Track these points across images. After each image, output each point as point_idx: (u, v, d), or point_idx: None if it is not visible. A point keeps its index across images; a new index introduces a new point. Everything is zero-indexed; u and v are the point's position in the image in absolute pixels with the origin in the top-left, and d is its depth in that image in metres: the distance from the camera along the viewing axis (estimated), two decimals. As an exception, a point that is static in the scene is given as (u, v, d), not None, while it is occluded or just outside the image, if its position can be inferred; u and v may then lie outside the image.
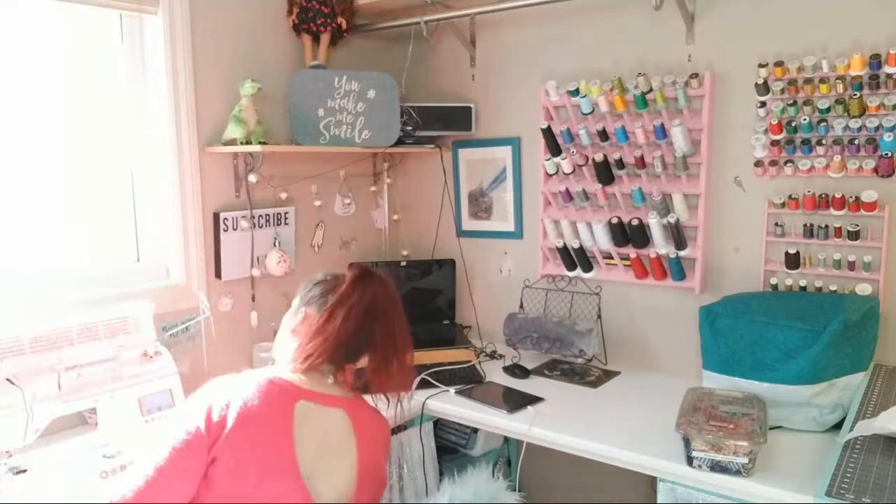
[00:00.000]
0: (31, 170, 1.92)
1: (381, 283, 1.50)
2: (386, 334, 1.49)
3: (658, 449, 1.70)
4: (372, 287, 1.48)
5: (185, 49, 2.12)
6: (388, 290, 1.51)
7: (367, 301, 1.46)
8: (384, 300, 1.49)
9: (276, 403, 1.37)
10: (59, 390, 1.67)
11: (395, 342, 1.50)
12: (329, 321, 1.44)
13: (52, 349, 1.75)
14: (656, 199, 2.21)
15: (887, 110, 1.87)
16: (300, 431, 1.36)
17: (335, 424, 1.44)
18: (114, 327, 1.89)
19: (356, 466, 1.44)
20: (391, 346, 1.50)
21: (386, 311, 1.49)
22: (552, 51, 2.49)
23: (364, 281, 1.49)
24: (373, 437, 1.50)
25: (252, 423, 1.31)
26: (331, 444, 1.41)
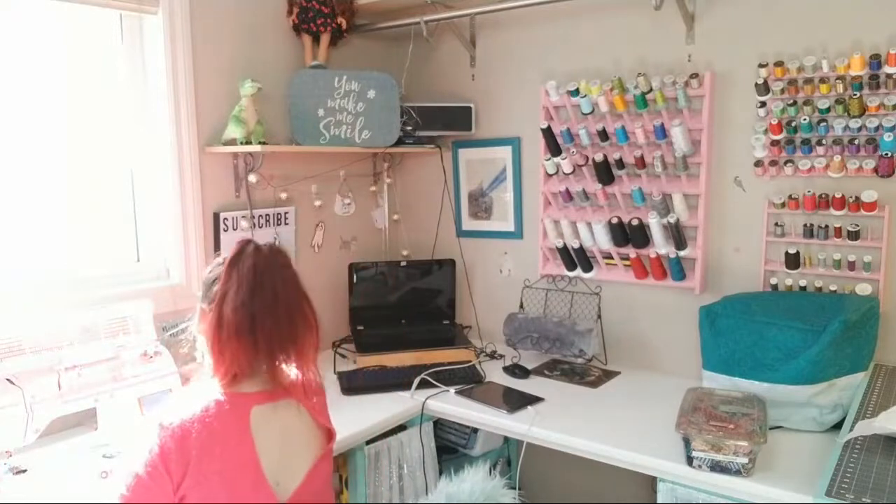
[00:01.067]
0: (31, 170, 1.92)
1: (258, 253, 1.36)
2: (266, 311, 1.33)
3: (658, 449, 1.70)
4: (248, 259, 1.34)
5: (185, 49, 2.12)
6: (267, 262, 1.36)
7: (245, 280, 1.32)
8: (261, 273, 1.34)
9: (231, 420, 1.30)
10: (59, 390, 1.67)
11: (276, 318, 1.34)
12: (218, 321, 1.32)
13: (52, 349, 1.75)
14: (656, 199, 2.21)
15: (887, 110, 1.87)
16: (261, 439, 1.32)
17: (292, 417, 1.39)
18: (114, 327, 1.89)
19: (322, 435, 1.44)
20: (272, 324, 1.33)
21: (262, 284, 1.33)
22: (552, 51, 2.49)
23: (238, 258, 1.35)
24: (322, 412, 1.48)
25: (213, 453, 1.25)
26: (293, 439, 1.38)
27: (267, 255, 1.38)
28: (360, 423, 1.95)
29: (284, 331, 1.36)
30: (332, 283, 2.71)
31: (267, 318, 1.33)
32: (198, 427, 1.26)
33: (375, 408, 2.06)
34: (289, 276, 1.40)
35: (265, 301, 1.33)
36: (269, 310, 1.33)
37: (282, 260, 1.40)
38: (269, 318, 1.33)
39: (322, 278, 2.68)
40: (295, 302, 1.40)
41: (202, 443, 1.25)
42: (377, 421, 1.98)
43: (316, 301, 2.90)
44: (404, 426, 2.11)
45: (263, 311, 1.33)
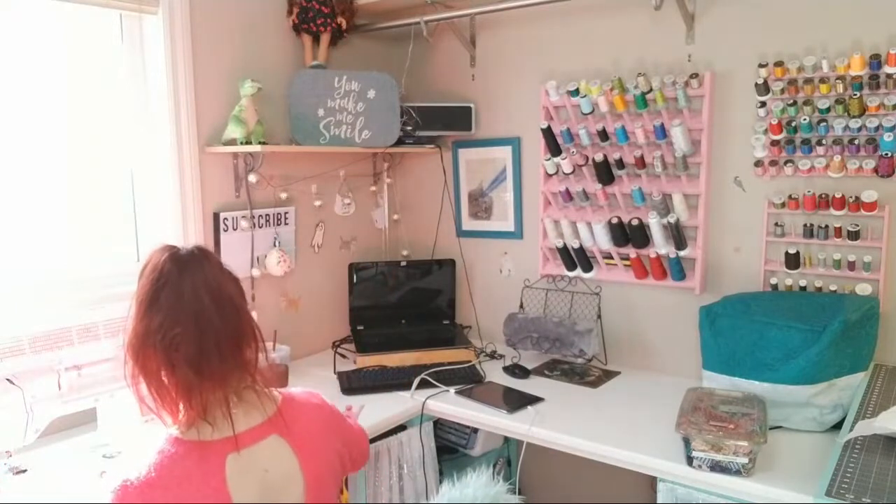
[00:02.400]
0: (31, 170, 1.91)
1: (165, 250, 1.19)
2: (193, 319, 1.13)
3: (658, 449, 1.70)
4: (149, 268, 1.17)
5: (185, 49, 2.12)
6: (176, 255, 1.17)
7: (146, 287, 1.15)
8: (170, 264, 1.15)
9: (203, 479, 1.10)
10: (59, 390, 1.67)
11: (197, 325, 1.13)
12: (129, 348, 1.13)
13: (52, 349, 1.75)
14: (656, 199, 2.21)
15: (887, 110, 1.87)
16: (238, 490, 1.13)
17: (272, 455, 1.19)
18: (114, 327, 1.89)
19: (303, 486, 1.22)
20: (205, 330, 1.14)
21: (171, 275, 1.14)
22: (552, 51, 2.49)
23: (144, 265, 1.19)
24: (313, 437, 1.27)
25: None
26: (274, 480, 1.18)
27: (178, 255, 1.18)
28: (360, 423, 1.95)
29: (221, 337, 1.16)
30: (332, 283, 2.71)
31: (180, 327, 1.13)
32: (161, 492, 1.08)
33: (375, 408, 2.06)
34: (212, 277, 1.18)
35: (170, 310, 1.13)
36: (181, 317, 1.13)
37: (200, 260, 1.19)
38: (179, 328, 1.13)
39: (322, 278, 2.68)
40: (225, 304, 1.18)
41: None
42: (377, 421, 1.98)
43: (316, 301, 2.91)
44: (404, 426, 2.11)
45: (169, 321, 1.13)
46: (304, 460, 1.22)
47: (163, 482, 1.08)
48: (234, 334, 1.19)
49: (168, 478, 1.09)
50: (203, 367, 1.13)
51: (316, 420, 1.30)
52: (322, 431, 1.30)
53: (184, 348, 1.12)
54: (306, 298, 2.62)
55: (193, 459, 1.12)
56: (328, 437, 1.31)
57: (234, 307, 1.20)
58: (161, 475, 1.09)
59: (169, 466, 1.10)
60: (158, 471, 1.09)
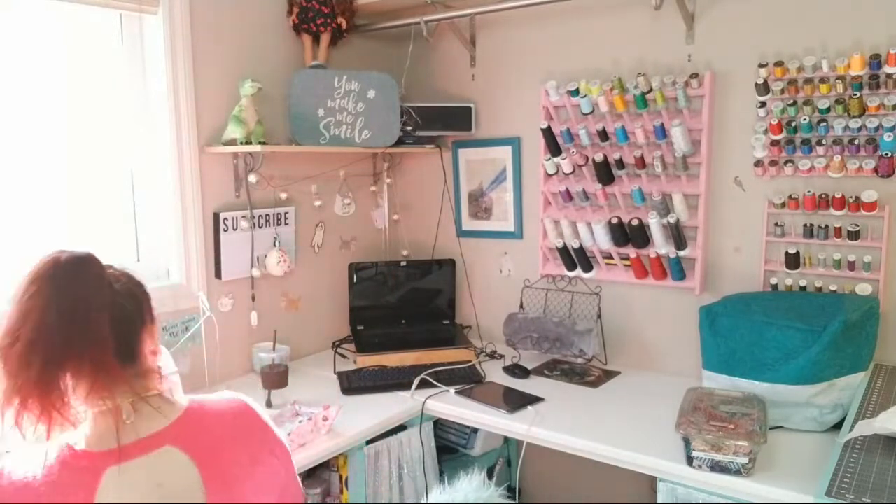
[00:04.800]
0: (31, 170, 1.91)
1: (41, 263, 1.08)
2: (47, 318, 1.03)
3: (658, 449, 1.70)
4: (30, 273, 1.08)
5: (185, 49, 2.12)
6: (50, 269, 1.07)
7: (20, 291, 1.06)
8: (42, 280, 1.06)
9: (69, 491, 1.00)
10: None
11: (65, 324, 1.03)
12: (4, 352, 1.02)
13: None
14: (656, 199, 2.21)
15: (887, 110, 1.87)
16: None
17: (166, 468, 1.06)
18: (114, 327, 1.89)
19: (204, 498, 1.07)
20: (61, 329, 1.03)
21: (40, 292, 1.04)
22: (552, 51, 2.49)
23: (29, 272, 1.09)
24: (221, 448, 1.12)
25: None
26: (170, 495, 1.05)
27: (55, 261, 1.08)
28: (360, 423, 1.95)
29: (85, 341, 1.04)
30: (332, 283, 2.71)
31: (44, 329, 1.02)
32: (32, 494, 0.99)
33: (375, 408, 2.06)
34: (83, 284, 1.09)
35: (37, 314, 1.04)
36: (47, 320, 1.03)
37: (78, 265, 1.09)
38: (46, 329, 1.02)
39: (322, 278, 2.68)
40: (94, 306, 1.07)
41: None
42: (377, 421, 1.98)
43: (316, 301, 2.91)
44: (404, 426, 2.11)
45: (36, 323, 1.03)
46: (207, 474, 1.08)
47: (32, 487, 1.01)
48: (99, 339, 1.06)
49: (38, 484, 1.01)
50: (63, 369, 1.04)
51: (228, 429, 1.14)
52: (238, 440, 1.14)
53: (43, 350, 1.02)
54: (306, 298, 2.62)
55: (70, 469, 1.03)
56: (246, 445, 1.15)
57: (99, 310, 1.08)
58: (42, 478, 1.01)
59: (46, 472, 1.02)
60: (43, 474, 1.02)
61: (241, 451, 1.13)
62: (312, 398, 2.08)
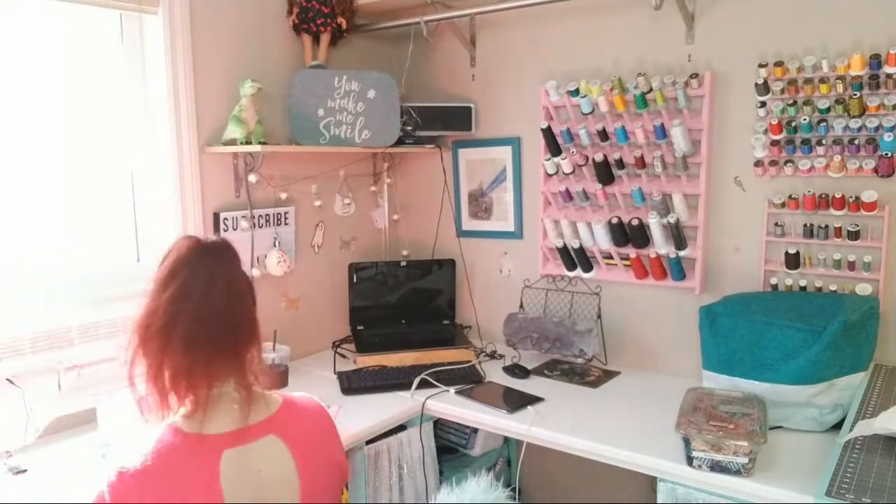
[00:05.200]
0: (31, 170, 1.91)
1: (187, 240, 1.19)
2: (205, 305, 1.12)
3: (658, 449, 1.70)
4: (172, 255, 1.17)
5: (185, 49, 2.12)
6: (196, 244, 1.17)
7: (166, 273, 1.14)
8: (186, 253, 1.15)
9: (196, 472, 1.07)
10: (59, 390, 1.67)
11: (212, 314, 1.13)
12: (143, 332, 1.12)
13: (52, 349, 1.75)
14: (656, 199, 2.21)
15: (887, 110, 1.87)
16: (231, 488, 1.10)
17: (268, 456, 1.16)
18: (114, 327, 1.89)
19: (298, 490, 1.20)
20: (216, 318, 1.13)
21: (195, 275, 1.13)
22: (552, 51, 2.49)
23: (167, 254, 1.19)
24: (310, 442, 1.24)
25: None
26: (268, 481, 1.16)
27: (199, 246, 1.17)
28: (360, 423, 1.95)
29: (222, 326, 1.15)
30: (332, 283, 2.71)
31: (195, 313, 1.12)
32: (155, 482, 1.05)
33: (375, 408, 2.06)
34: (226, 267, 1.20)
35: (192, 296, 1.13)
36: (200, 304, 1.13)
37: (220, 252, 1.20)
38: (201, 313, 1.13)
39: (322, 278, 2.68)
40: (234, 294, 1.19)
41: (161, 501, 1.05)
42: (377, 421, 1.98)
43: (316, 301, 2.91)
44: (404, 426, 2.11)
45: (191, 307, 1.13)
46: (301, 464, 1.20)
47: (157, 471, 1.06)
48: (235, 328, 1.17)
49: (163, 467, 1.07)
50: (196, 351, 1.11)
51: (316, 426, 1.28)
52: (322, 437, 1.28)
53: (182, 326, 1.11)
54: (306, 298, 2.62)
55: (188, 451, 1.09)
56: (328, 444, 1.29)
57: (243, 303, 1.20)
58: (156, 464, 1.07)
59: (164, 456, 1.08)
60: (154, 460, 1.07)
61: (322, 448, 1.26)
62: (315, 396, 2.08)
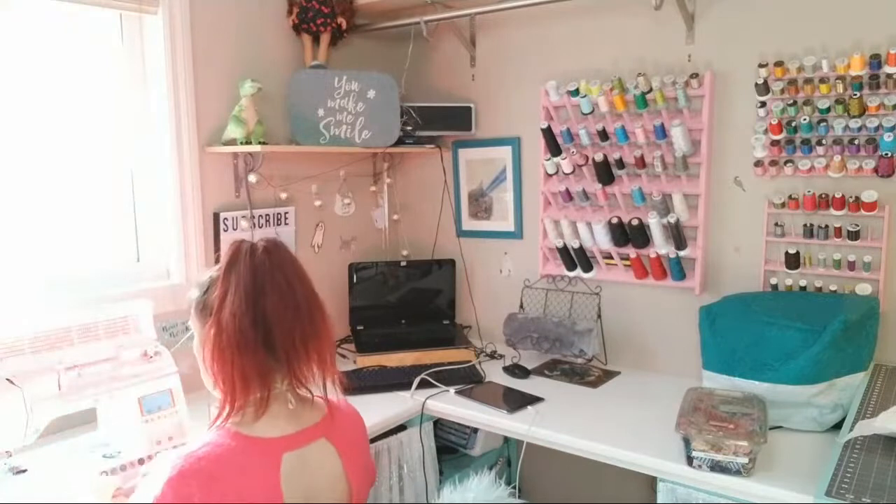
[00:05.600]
0: (31, 170, 1.91)
1: (254, 254, 1.20)
2: (281, 306, 1.16)
3: (658, 449, 1.70)
4: (247, 260, 1.19)
5: (185, 49, 2.12)
6: (269, 258, 1.20)
7: (246, 280, 1.16)
8: (265, 269, 1.18)
9: (259, 474, 1.11)
10: (59, 390, 1.67)
11: (296, 312, 1.18)
12: (219, 329, 1.15)
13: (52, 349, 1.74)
14: (656, 199, 2.21)
15: (887, 110, 1.87)
16: (290, 490, 1.14)
17: (320, 459, 1.21)
18: (114, 327, 1.89)
19: (347, 492, 1.25)
20: (292, 318, 1.18)
21: (271, 279, 1.18)
22: (552, 51, 2.49)
23: (235, 259, 1.20)
24: (353, 445, 1.30)
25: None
26: (319, 483, 1.20)
27: (269, 249, 1.21)
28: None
29: (306, 327, 1.19)
30: (332, 283, 2.71)
31: (280, 317, 1.16)
32: (219, 484, 1.08)
33: (375, 408, 2.06)
34: (298, 269, 1.24)
35: (274, 300, 1.16)
36: (281, 308, 1.17)
37: (286, 254, 1.24)
38: (283, 317, 1.16)
39: (322, 278, 2.66)
40: (311, 295, 1.23)
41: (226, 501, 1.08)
42: (377, 421, 1.98)
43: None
44: (404, 426, 2.11)
45: (274, 311, 1.16)
46: (348, 466, 1.25)
47: (221, 473, 1.09)
48: (314, 321, 1.21)
49: (225, 470, 1.09)
50: (283, 347, 1.15)
51: (357, 429, 1.34)
52: (362, 441, 1.34)
53: (271, 319, 1.15)
54: (306, 298, 2.61)
55: (251, 454, 1.12)
56: (365, 447, 1.36)
57: (317, 300, 1.24)
58: (219, 467, 1.09)
59: (227, 459, 1.10)
60: (216, 462, 1.09)
61: (362, 452, 1.30)
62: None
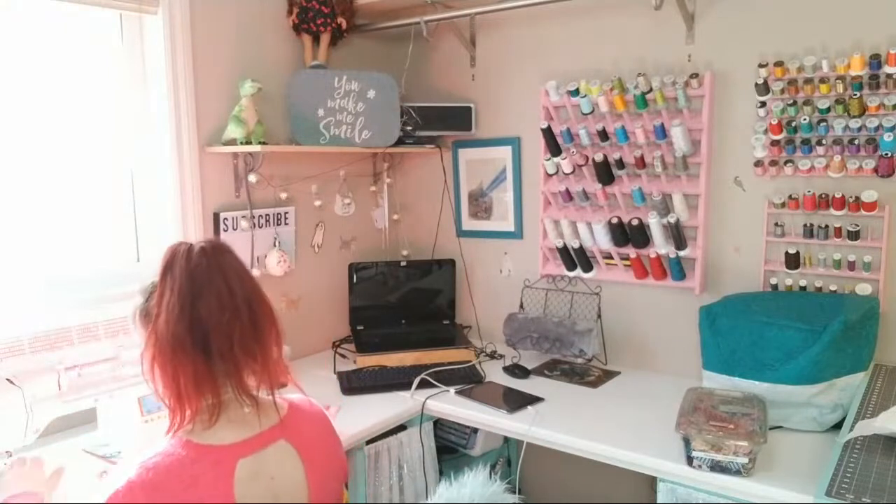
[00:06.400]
0: (31, 170, 1.91)
1: (190, 256, 1.15)
2: (218, 310, 1.12)
3: (658, 449, 1.70)
4: (182, 263, 1.14)
5: (185, 49, 2.12)
6: (207, 260, 1.15)
7: (181, 283, 1.12)
8: (201, 272, 1.14)
9: (211, 483, 1.07)
10: (59, 390, 1.67)
11: (234, 314, 1.14)
12: (156, 337, 1.11)
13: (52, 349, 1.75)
14: (656, 199, 2.21)
15: (887, 110, 1.87)
16: (244, 496, 1.11)
17: (280, 462, 1.17)
18: (114, 327, 1.89)
19: (307, 496, 1.21)
20: (230, 321, 1.13)
21: (209, 282, 1.13)
22: (552, 51, 2.49)
23: (171, 263, 1.16)
24: (315, 445, 1.26)
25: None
26: (280, 487, 1.17)
27: (207, 251, 1.16)
28: (360, 423, 1.95)
29: (246, 330, 1.15)
30: (332, 283, 2.71)
31: (217, 321, 1.11)
32: (168, 493, 1.04)
33: (375, 408, 2.06)
34: (239, 269, 1.19)
35: (210, 304, 1.12)
36: (217, 312, 1.12)
37: (226, 255, 1.19)
38: (220, 321, 1.12)
39: (322, 278, 2.68)
40: (253, 296, 1.18)
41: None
42: (377, 421, 1.98)
43: (316, 301, 2.91)
44: (404, 426, 2.11)
45: (209, 314, 1.11)
46: (309, 469, 1.21)
47: (170, 485, 1.05)
48: (256, 324, 1.17)
49: (173, 480, 1.06)
50: (220, 352, 1.11)
51: (319, 428, 1.29)
52: (326, 439, 1.29)
53: (198, 330, 1.10)
54: (306, 298, 2.62)
55: (202, 463, 1.09)
56: (331, 445, 1.31)
57: (260, 301, 1.20)
58: (167, 478, 1.06)
59: (177, 470, 1.07)
60: (165, 473, 1.06)
61: (326, 449, 1.26)
62: (312, 398, 2.08)
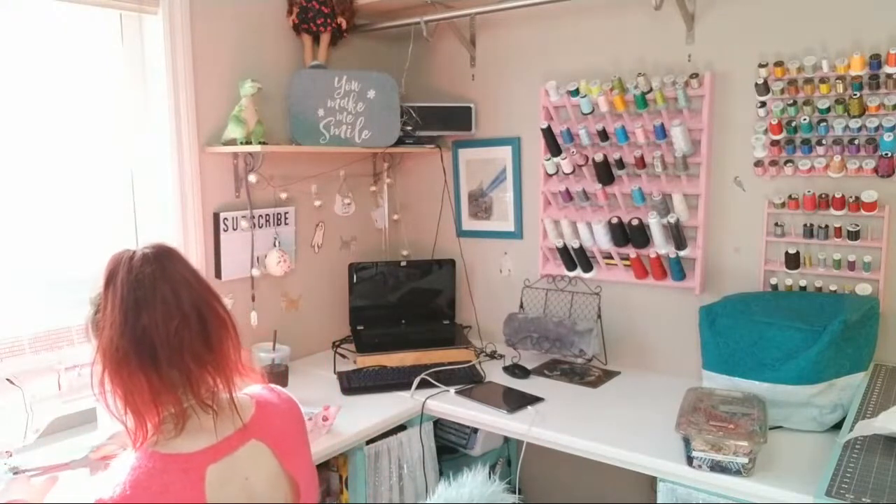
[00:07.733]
0: (31, 170, 1.91)
1: (132, 265, 1.09)
2: (164, 318, 1.07)
3: (658, 449, 1.70)
4: (124, 273, 1.08)
5: (185, 49, 2.12)
6: (150, 267, 1.09)
7: (123, 294, 1.07)
8: (144, 280, 1.08)
9: (181, 493, 1.04)
10: (59, 390, 1.67)
11: (183, 321, 1.09)
12: (102, 351, 1.07)
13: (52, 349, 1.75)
14: (656, 199, 2.21)
15: (887, 110, 1.87)
16: (219, 500, 1.08)
17: (253, 462, 1.14)
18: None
19: (289, 487, 1.19)
20: (178, 329, 1.08)
21: (153, 290, 1.08)
22: (552, 51, 2.49)
23: (113, 273, 1.10)
24: (287, 437, 1.22)
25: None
26: (256, 486, 1.14)
27: (150, 258, 1.10)
28: (360, 423, 1.95)
29: (195, 336, 1.10)
30: (332, 283, 2.71)
31: (163, 330, 1.07)
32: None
33: (375, 408, 2.06)
34: (187, 274, 1.14)
35: (155, 313, 1.07)
36: (164, 321, 1.07)
37: (172, 259, 1.14)
38: (167, 330, 1.07)
39: (322, 278, 2.68)
40: (203, 300, 1.14)
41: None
42: (377, 421, 1.99)
43: (316, 301, 2.90)
44: (404, 426, 2.11)
45: (154, 324, 1.06)
46: (286, 461, 1.19)
47: (137, 497, 1.02)
48: (206, 329, 1.12)
49: (143, 493, 1.02)
50: (170, 362, 1.07)
51: (290, 419, 1.26)
52: (299, 430, 1.27)
53: (149, 341, 1.06)
54: (306, 298, 2.62)
55: (171, 473, 1.05)
56: (304, 435, 1.28)
57: (211, 304, 1.16)
58: (137, 492, 1.02)
59: (146, 482, 1.03)
60: (133, 487, 1.02)
61: (296, 440, 1.24)
62: (312, 398, 2.08)
